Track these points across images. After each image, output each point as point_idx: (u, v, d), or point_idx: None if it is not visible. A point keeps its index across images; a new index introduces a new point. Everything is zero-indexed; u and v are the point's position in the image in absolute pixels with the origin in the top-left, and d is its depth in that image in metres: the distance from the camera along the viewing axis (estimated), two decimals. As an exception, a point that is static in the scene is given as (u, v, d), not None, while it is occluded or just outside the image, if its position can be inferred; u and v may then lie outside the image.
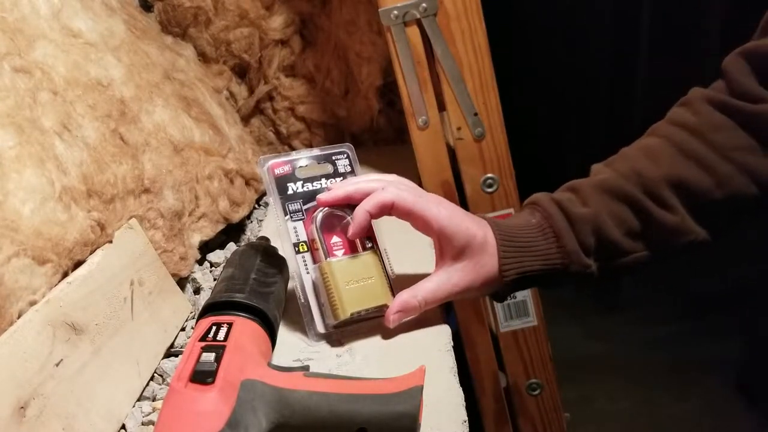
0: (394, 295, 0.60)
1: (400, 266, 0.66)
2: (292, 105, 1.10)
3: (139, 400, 0.57)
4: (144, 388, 0.58)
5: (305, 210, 0.61)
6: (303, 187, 0.61)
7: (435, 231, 0.58)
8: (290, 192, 0.61)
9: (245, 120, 1.11)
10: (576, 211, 0.59)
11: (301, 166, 0.62)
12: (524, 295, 0.88)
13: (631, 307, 2.23)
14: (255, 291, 0.57)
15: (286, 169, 0.61)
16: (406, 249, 0.68)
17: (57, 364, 0.49)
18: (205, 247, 0.79)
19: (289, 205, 0.60)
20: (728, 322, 1.95)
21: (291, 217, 0.60)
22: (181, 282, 0.71)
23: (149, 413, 0.55)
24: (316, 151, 0.63)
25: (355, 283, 0.58)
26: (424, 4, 0.78)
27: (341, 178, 0.63)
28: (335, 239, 0.60)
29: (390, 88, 1.07)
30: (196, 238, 0.75)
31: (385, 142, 1.12)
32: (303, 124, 1.12)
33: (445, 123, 0.84)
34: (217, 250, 0.81)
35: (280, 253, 0.64)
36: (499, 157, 0.83)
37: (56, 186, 0.54)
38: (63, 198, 0.55)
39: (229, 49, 1.06)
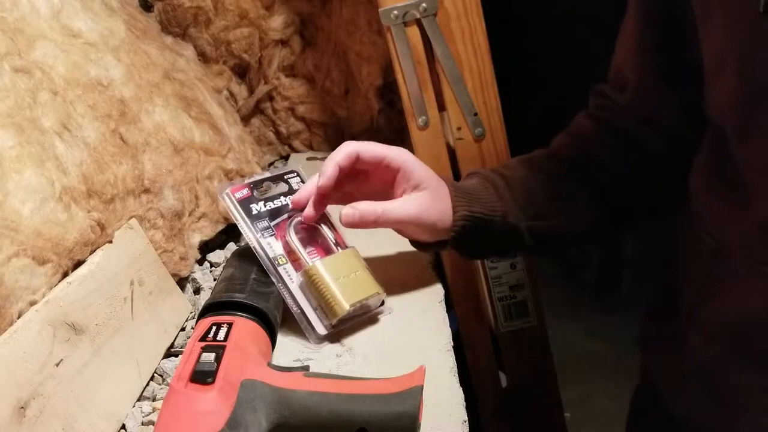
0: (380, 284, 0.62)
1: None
2: (292, 105, 1.10)
3: (139, 400, 0.57)
4: (144, 388, 0.58)
5: (273, 226, 0.62)
6: (265, 206, 0.63)
7: (398, 164, 0.63)
8: (254, 212, 0.62)
9: (245, 120, 1.11)
10: (509, 174, 0.68)
11: (258, 188, 0.64)
12: (524, 295, 0.88)
13: (631, 307, 2.23)
14: (255, 291, 0.57)
15: (245, 192, 0.63)
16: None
17: (57, 364, 0.49)
18: (205, 247, 0.79)
19: (257, 224, 0.62)
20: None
21: (262, 235, 0.61)
22: (181, 282, 0.71)
23: (149, 413, 0.55)
24: (267, 174, 0.66)
25: (344, 278, 0.59)
26: (424, 4, 0.78)
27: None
28: (309, 248, 0.62)
29: (390, 88, 1.07)
30: (196, 238, 0.75)
31: (385, 142, 1.11)
32: (303, 124, 1.12)
33: (445, 123, 0.84)
34: (217, 250, 0.81)
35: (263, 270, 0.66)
36: (499, 157, 0.83)
37: (56, 186, 0.54)
38: (63, 198, 0.55)
39: (229, 49, 1.05)
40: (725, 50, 0.50)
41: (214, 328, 0.51)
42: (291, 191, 0.65)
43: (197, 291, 0.73)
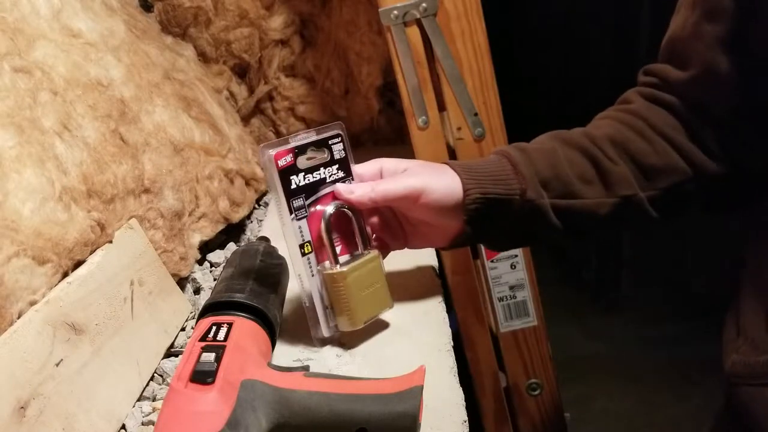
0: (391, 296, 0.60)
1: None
2: (292, 105, 1.10)
3: (139, 400, 0.57)
4: (144, 388, 0.58)
5: (307, 206, 0.58)
6: (305, 179, 0.58)
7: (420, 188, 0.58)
8: (293, 186, 0.57)
9: (245, 120, 1.11)
10: (532, 146, 0.63)
11: (301, 155, 0.58)
12: (524, 295, 0.88)
13: (631, 307, 2.23)
14: (255, 291, 0.57)
15: (289, 159, 0.57)
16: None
17: (57, 364, 0.49)
18: (205, 247, 0.79)
19: (293, 202, 0.57)
20: (728, 322, 1.95)
21: (296, 216, 0.57)
22: (181, 282, 0.71)
23: (149, 413, 0.55)
24: (313, 135, 0.59)
25: (365, 291, 0.58)
26: (424, 4, 0.78)
27: (336, 165, 0.60)
28: (335, 235, 0.59)
29: (390, 88, 1.07)
30: (196, 238, 0.75)
31: (385, 142, 1.11)
32: (303, 124, 1.12)
33: (445, 123, 0.84)
34: (217, 250, 0.81)
35: (283, 254, 0.63)
36: (499, 157, 0.83)
37: (56, 186, 0.54)
38: (63, 198, 0.55)
39: (229, 49, 1.06)
40: None
41: (214, 328, 0.51)
42: (332, 161, 0.59)
43: (197, 291, 0.73)
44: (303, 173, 0.58)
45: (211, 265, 0.78)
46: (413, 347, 0.59)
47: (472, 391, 0.92)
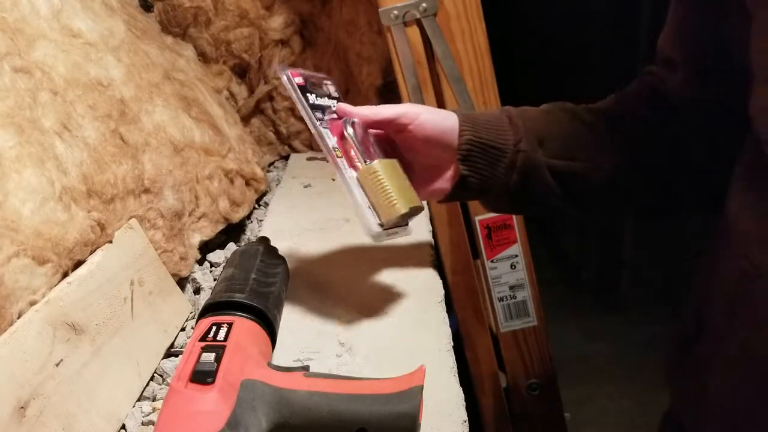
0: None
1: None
2: (292, 105, 1.10)
3: (139, 400, 0.57)
4: (144, 388, 0.58)
5: (325, 120, 0.61)
6: (317, 99, 0.62)
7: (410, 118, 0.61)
8: (310, 101, 0.61)
9: (245, 120, 1.11)
10: (533, 108, 0.65)
11: (308, 80, 0.62)
12: (524, 295, 0.88)
13: (631, 307, 2.23)
14: (255, 291, 0.57)
15: (300, 80, 0.61)
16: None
17: (57, 364, 0.49)
18: (205, 247, 0.79)
19: (315, 113, 0.60)
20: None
21: (321, 123, 0.60)
22: (181, 282, 0.71)
23: (149, 413, 0.55)
24: (311, 72, 0.64)
25: (399, 182, 0.59)
26: (424, 4, 0.78)
27: (335, 101, 0.64)
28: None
29: (390, 88, 1.07)
30: (196, 238, 0.75)
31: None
32: (303, 124, 1.12)
33: (445, 123, 0.84)
34: (217, 250, 0.81)
35: (320, 155, 0.65)
36: (499, 157, 0.83)
37: (56, 186, 0.54)
38: (63, 198, 0.55)
39: (229, 49, 1.06)
40: None
41: (214, 328, 0.51)
42: (330, 96, 0.64)
43: (197, 291, 0.73)
44: (314, 95, 0.62)
45: (211, 265, 0.78)
46: (413, 347, 0.59)
47: (472, 391, 0.92)
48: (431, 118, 0.61)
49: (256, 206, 0.95)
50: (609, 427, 1.78)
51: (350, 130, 0.60)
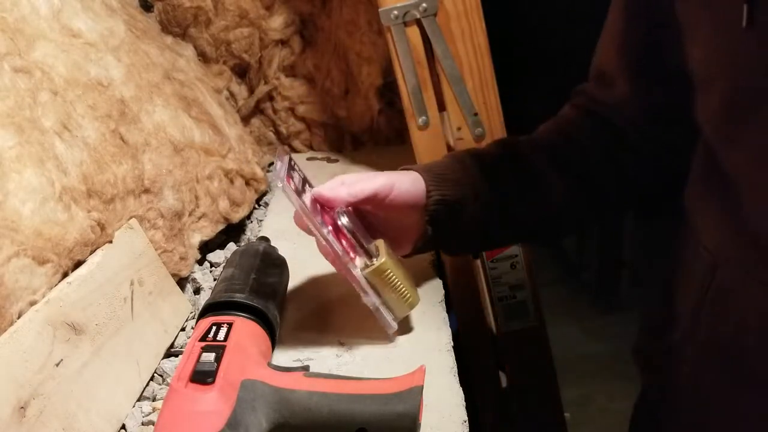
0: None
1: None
2: (292, 105, 1.10)
3: (139, 400, 0.57)
4: (144, 388, 0.58)
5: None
6: (309, 189, 0.60)
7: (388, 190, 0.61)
8: (308, 203, 0.58)
9: (245, 120, 1.11)
10: (480, 149, 0.69)
11: (291, 171, 0.60)
12: (524, 295, 0.88)
13: (631, 307, 2.23)
14: (255, 291, 0.57)
15: (296, 181, 0.59)
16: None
17: (57, 364, 0.49)
18: (205, 247, 0.79)
19: (316, 218, 0.57)
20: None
21: (323, 227, 0.57)
22: (181, 282, 0.71)
23: (149, 413, 0.55)
24: (286, 160, 0.60)
25: (404, 273, 0.60)
26: (424, 4, 0.78)
27: (307, 184, 0.61)
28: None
29: (390, 88, 1.07)
30: (196, 238, 0.75)
31: (385, 142, 1.11)
32: (303, 124, 1.12)
33: (445, 123, 0.84)
34: (217, 250, 0.81)
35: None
36: (499, 157, 0.83)
37: (56, 186, 0.54)
38: (63, 198, 0.55)
39: (229, 49, 1.06)
40: (711, 61, 0.49)
41: (214, 328, 0.51)
42: (305, 179, 0.61)
43: (197, 291, 0.73)
44: (307, 193, 0.60)
45: (211, 265, 0.78)
46: (413, 347, 0.59)
47: (472, 391, 0.92)
48: (404, 188, 0.60)
49: (256, 206, 0.95)
50: (609, 427, 1.78)
51: (344, 219, 0.59)
